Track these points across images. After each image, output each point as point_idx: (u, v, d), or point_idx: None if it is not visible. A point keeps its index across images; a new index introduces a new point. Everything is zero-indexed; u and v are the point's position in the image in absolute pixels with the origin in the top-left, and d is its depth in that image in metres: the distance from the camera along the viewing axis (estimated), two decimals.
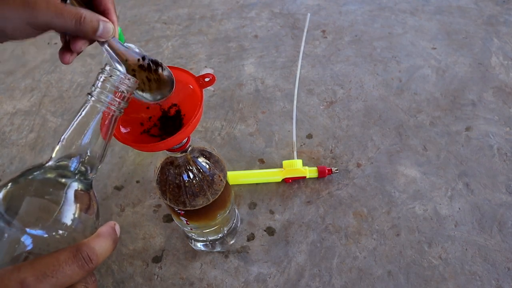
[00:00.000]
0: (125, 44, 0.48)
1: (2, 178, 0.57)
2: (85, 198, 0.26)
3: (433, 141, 0.64)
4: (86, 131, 0.26)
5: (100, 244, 0.24)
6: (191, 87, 0.35)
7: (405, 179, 0.60)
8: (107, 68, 0.27)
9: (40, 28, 0.28)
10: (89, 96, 0.27)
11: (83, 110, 0.26)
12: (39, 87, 0.80)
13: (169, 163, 0.42)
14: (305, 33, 0.78)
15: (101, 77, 0.27)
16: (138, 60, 0.32)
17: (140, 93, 0.32)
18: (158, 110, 0.36)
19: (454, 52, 0.79)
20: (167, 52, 0.85)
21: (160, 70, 0.32)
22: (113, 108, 0.27)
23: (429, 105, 0.70)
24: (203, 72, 0.34)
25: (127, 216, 0.59)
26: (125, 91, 0.27)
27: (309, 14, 0.83)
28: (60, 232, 0.24)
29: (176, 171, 0.41)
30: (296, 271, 0.52)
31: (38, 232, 0.23)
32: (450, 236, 0.53)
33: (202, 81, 0.34)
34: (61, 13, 0.28)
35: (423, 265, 0.51)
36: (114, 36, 0.32)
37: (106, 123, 0.27)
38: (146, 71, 0.32)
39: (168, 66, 0.34)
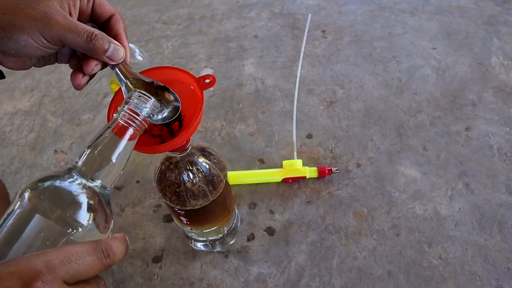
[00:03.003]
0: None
1: (2, 178, 0.57)
2: (102, 205, 0.28)
3: (433, 141, 0.64)
4: (109, 148, 0.28)
5: (116, 244, 0.25)
6: (192, 88, 0.35)
7: (405, 179, 0.60)
8: (135, 92, 0.29)
9: (53, 42, 0.29)
10: (116, 114, 0.28)
11: (108, 127, 0.28)
12: (39, 87, 0.80)
13: (169, 163, 0.42)
14: (306, 33, 0.78)
15: (128, 99, 0.29)
16: (146, 84, 0.32)
17: None
18: None
19: (454, 52, 0.79)
20: (167, 52, 0.85)
21: (167, 95, 0.33)
22: (136, 127, 0.28)
23: (429, 105, 0.70)
24: (203, 72, 0.34)
25: (127, 216, 0.59)
26: (147, 113, 0.29)
27: (310, 15, 0.83)
28: (80, 230, 0.26)
29: (176, 171, 0.41)
30: (296, 271, 0.52)
31: (57, 234, 0.25)
32: (450, 236, 0.53)
33: (203, 83, 0.34)
34: (75, 28, 0.28)
35: (423, 265, 0.51)
36: (125, 61, 0.32)
37: (129, 141, 0.28)
38: (154, 96, 0.33)
39: (169, 67, 0.35)
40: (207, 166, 0.42)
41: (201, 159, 0.42)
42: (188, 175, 0.41)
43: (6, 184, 0.55)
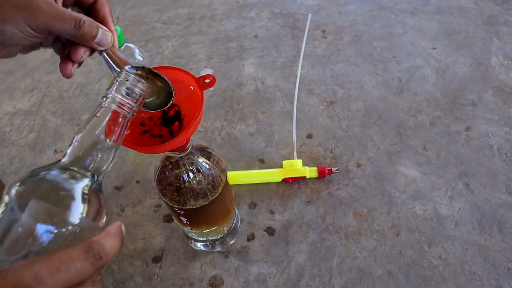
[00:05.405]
0: (125, 44, 0.48)
1: (2, 178, 0.57)
2: (94, 198, 0.26)
3: (433, 141, 0.64)
4: (99, 134, 0.27)
5: (109, 242, 0.24)
6: (192, 88, 0.35)
7: (405, 179, 0.60)
8: (123, 72, 0.28)
9: (39, 31, 0.28)
10: (104, 98, 0.27)
11: (97, 112, 0.27)
12: (39, 87, 0.80)
13: (169, 163, 0.42)
14: (306, 33, 0.78)
15: (116, 80, 0.27)
16: (137, 69, 0.32)
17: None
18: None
19: (454, 52, 0.79)
20: (167, 52, 0.85)
21: (158, 80, 0.33)
22: (126, 110, 0.27)
23: (429, 105, 0.70)
24: (203, 72, 0.34)
25: (127, 216, 0.59)
26: (138, 94, 0.28)
27: (310, 14, 0.83)
28: (70, 228, 0.24)
29: (176, 171, 0.41)
30: (296, 271, 0.52)
31: (49, 228, 0.23)
32: (450, 236, 0.53)
33: (203, 83, 0.34)
34: (61, 15, 0.28)
35: (423, 265, 0.51)
36: (113, 46, 0.32)
37: (118, 125, 0.27)
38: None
39: (169, 67, 0.34)
40: (207, 166, 0.42)
41: (201, 159, 0.42)
42: (188, 175, 0.41)
43: (7, 184, 0.55)
